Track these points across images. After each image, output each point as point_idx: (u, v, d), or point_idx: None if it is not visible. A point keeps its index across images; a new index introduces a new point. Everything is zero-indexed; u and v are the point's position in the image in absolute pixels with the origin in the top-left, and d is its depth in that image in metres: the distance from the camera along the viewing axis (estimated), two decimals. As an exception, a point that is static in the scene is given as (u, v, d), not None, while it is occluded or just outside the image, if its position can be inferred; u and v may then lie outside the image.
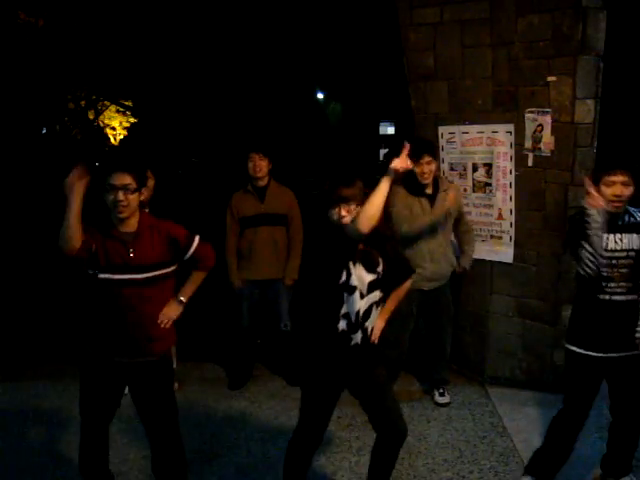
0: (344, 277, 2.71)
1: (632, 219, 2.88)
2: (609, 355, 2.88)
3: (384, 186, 2.51)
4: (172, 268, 2.85)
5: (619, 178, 2.77)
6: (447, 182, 4.18)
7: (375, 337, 2.81)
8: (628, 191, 2.80)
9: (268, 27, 13.91)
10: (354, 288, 2.70)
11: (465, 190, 4.39)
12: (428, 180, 3.96)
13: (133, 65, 14.90)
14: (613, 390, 3.01)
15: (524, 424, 3.88)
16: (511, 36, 3.98)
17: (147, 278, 2.74)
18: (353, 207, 2.67)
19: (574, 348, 2.95)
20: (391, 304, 2.90)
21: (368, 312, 2.77)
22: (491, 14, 4.03)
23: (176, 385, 4.56)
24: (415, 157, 3.89)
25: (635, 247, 2.85)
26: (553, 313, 4.15)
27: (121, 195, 2.65)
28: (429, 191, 4.00)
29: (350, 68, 17.60)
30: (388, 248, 2.81)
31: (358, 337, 2.75)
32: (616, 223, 2.84)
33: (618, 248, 2.83)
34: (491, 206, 4.29)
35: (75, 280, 2.83)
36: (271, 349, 4.89)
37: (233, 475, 3.46)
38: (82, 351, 2.82)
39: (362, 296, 2.73)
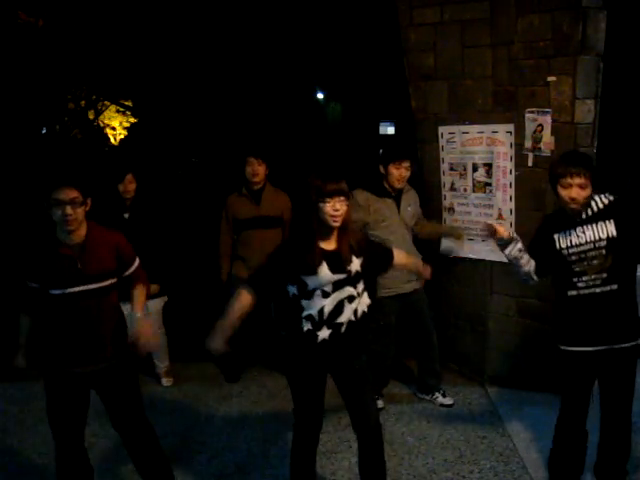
0: (295, 290, 2.73)
1: (596, 207, 2.82)
2: (598, 348, 2.85)
3: None
4: (116, 280, 2.87)
5: (575, 181, 2.73)
6: (407, 184, 4.15)
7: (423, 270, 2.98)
8: (585, 193, 2.75)
9: (268, 27, 13.90)
10: (311, 293, 2.71)
11: (465, 190, 4.39)
12: (401, 185, 3.98)
13: (133, 65, 14.90)
14: (603, 387, 2.95)
15: (524, 424, 3.88)
16: (511, 36, 3.98)
17: (100, 288, 2.77)
18: (345, 203, 2.69)
19: (564, 347, 2.94)
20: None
21: (338, 309, 2.75)
22: (491, 14, 4.03)
23: (172, 380, 4.60)
24: (397, 159, 3.91)
25: (603, 236, 2.79)
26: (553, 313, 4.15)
27: (69, 209, 2.65)
28: (394, 193, 4.02)
29: (350, 68, 17.59)
30: (362, 244, 2.83)
31: (325, 334, 2.75)
32: (575, 220, 2.83)
33: (582, 242, 2.81)
34: (491, 206, 4.29)
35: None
36: (270, 349, 4.90)
37: (233, 475, 3.46)
38: (42, 365, 2.85)
39: (327, 295, 2.72)
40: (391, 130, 23.74)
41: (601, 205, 2.82)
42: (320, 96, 24.19)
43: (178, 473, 3.38)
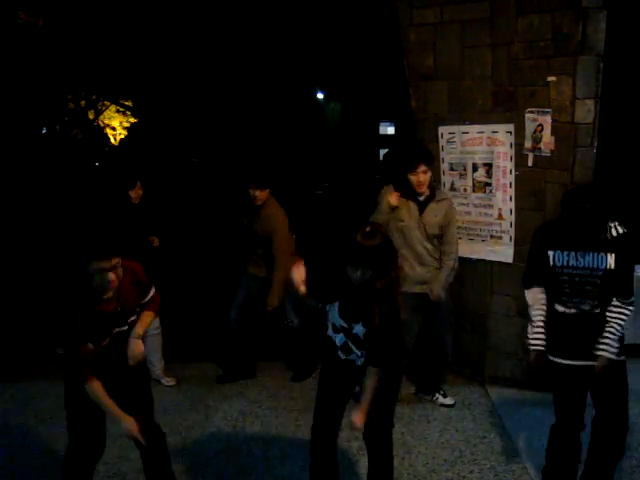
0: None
1: (605, 236, 2.77)
2: (581, 363, 2.86)
3: None
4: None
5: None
6: (443, 193, 4.18)
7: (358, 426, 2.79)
8: None
9: (268, 27, 13.91)
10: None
11: (465, 190, 4.39)
12: (423, 189, 3.96)
13: (133, 65, 14.90)
14: (594, 399, 2.95)
15: (524, 424, 3.88)
16: (511, 36, 3.98)
17: (133, 320, 2.82)
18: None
19: (551, 357, 2.95)
20: (369, 394, 2.78)
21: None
22: (491, 14, 4.03)
23: (173, 380, 4.61)
24: (411, 166, 3.91)
25: (601, 267, 2.77)
26: (553, 313, 4.15)
27: (112, 276, 2.58)
28: (422, 198, 3.99)
29: (350, 68, 17.61)
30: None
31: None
32: (578, 243, 2.78)
33: (580, 266, 2.78)
34: (491, 206, 4.29)
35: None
36: (275, 344, 4.92)
37: (233, 475, 3.46)
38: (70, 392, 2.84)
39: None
40: (391, 130, 23.77)
41: (609, 236, 2.78)
42: (320, 96, 24.22)
43: (178, 473, 3.38)
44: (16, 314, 5.65)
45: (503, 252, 4.28)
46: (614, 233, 2.78)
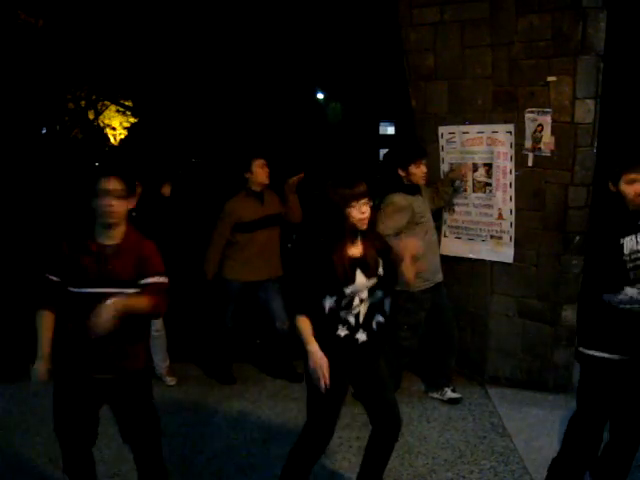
0: (333, 302, 2.69)
1: None
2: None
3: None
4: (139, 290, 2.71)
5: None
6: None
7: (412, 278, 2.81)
8: None
9: (268, 27, 13.91)
10: (350, 302, 2.70)
11: (465, 190, 4.39)
12: (424, 181, 4.04)
13: (133, 65, 14.91)
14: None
15: (524, 424, 3.88)
16: (511, 36, 3.98)
17: (121, 294, 2.61)
18: (369, 204, 2.68)
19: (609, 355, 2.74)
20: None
21: (371, 313, 2.77)
22: (491, 14, 4.03)
23: (175, 379, 4.61)
24: (416, 159, 3.97)
25: None
26: (553, 313, 4.15)
27: (112, 200, 2.58)
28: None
29: (350, 68, 17.61)
30: (382, 247, 2.80)
31: (363, 336, 2.77)
32: (636, 222, 2.68)
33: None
34: (491, 206, 4.29)
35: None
36: (270, 348, 4.90)
37: (233, 475, 3.46)
38: (57, 367, 2.72)
39: (362, 301, 2.74)
40: (391, 130, 23.78)
41: None
42: (320, 96, 24.22)
43: (178, 473, 3.39)
44: (16, 314, 5.65)
45: (503, 252, 4.28)
46: None
